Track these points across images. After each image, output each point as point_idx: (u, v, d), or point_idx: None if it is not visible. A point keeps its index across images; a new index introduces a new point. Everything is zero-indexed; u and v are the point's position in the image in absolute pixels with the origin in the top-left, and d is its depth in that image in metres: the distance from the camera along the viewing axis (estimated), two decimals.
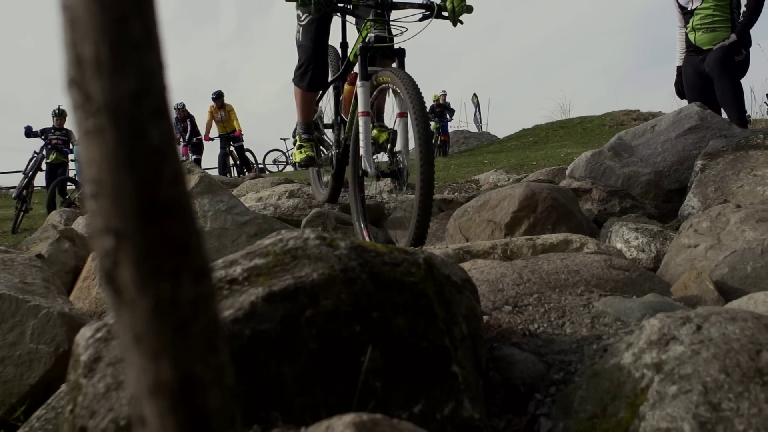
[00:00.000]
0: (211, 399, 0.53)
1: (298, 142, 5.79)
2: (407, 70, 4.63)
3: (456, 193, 7.15)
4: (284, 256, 1.45)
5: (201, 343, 0.53)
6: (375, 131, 4.70)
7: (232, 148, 21.36)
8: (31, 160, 16.01)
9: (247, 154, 22.18)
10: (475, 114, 38.00)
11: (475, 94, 38.00)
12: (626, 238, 3.58)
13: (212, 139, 21.22)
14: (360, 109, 4.50)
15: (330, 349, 1.32)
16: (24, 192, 14.69)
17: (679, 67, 8.21)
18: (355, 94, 4.71)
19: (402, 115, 4.25)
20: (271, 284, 1.36)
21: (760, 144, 4.60)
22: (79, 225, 5.17)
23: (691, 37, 7.95)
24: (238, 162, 21.56)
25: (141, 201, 0.51)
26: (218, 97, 20.70)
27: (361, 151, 4.43)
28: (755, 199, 3.77)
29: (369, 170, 4.38)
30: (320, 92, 5.83)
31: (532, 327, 1.91)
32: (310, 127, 5.79)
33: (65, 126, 16.91)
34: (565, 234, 3.29)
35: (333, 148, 5.79)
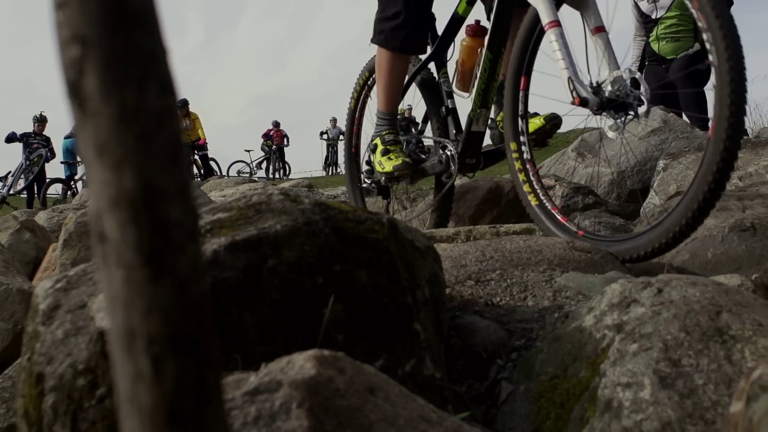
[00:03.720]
0: (172, 210, 0.54)
1: (380, 146, 3.99)
2: None
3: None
4: (248, 210, 1.46)
5: (164, 154, 0.53)
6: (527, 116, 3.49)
7: (196, 157, 21.28)
8: (20, 167, 16.17)
9: (212, 163, 22.13)
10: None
11: None
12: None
13: None
14: (547, 19, 2.97)
15: (292, 299, 1.33)
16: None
17: None
18: (492, 31, 3.48)
19: (599, 30, 2.91)
20: (234, 234, 1.37)
21: None
22: (41, 218, 5.11)
23: (655, 46, 8.08)
24: (202, 171, 21.47)
25: (109, 7, 0.52)
26: (183, 105, 20.57)
27: (566, 72, 2.90)
28: None
29: (586, 95, 2.79)
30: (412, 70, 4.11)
31: (494, 300, 1.94)
32: (395, 119, 4.10)
33: (45, 132, 17.18)
34: (528, 224, 3.33)
35: (447, 148, 3.86)
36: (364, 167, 4.33)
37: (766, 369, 0.95)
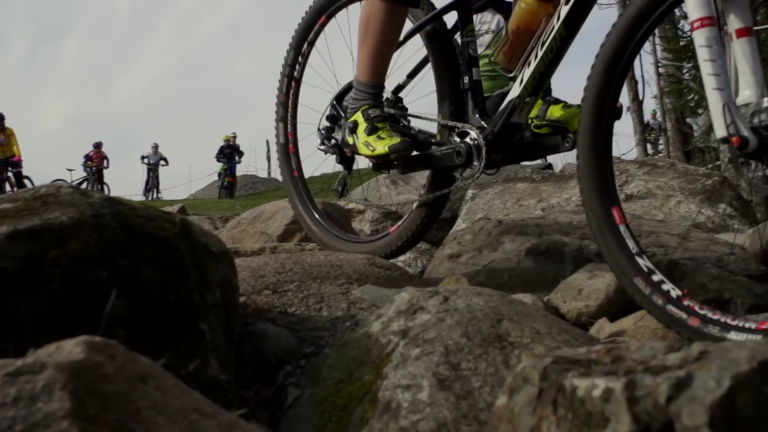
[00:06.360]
0: None
1: (362, 123, 3.07)
2: None
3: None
4: (34, 201, 1.43)
5: None
6: (557, 108, 3.06)
7: (9, 174, 20.31)
8: None
9: (26, 180, 21.17)
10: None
11: (267, 141, 38.91)
12: None
13: None
14: (698, 14, 2.08)
15: (74, 292, 1.31)
16: None
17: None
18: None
19: (745, 32, 2.11)
20: (17, 224, 1.33)
21: (527, 177, 4.95)
22: None
23: None
24: (15, 188, 20.47)
25: None
26: None
27: (719, 95, 2.04)
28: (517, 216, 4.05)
29: (746, 134, 1.98)
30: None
31: (290, 309, 1.96)
32: (381, 93, 3.18)
33: None
34: None
35: (469, 135, 2.94)
36: (323, 124, 3.49)
37: (529, 362, 1.02)
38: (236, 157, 30.12)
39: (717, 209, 5.16)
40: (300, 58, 3.60)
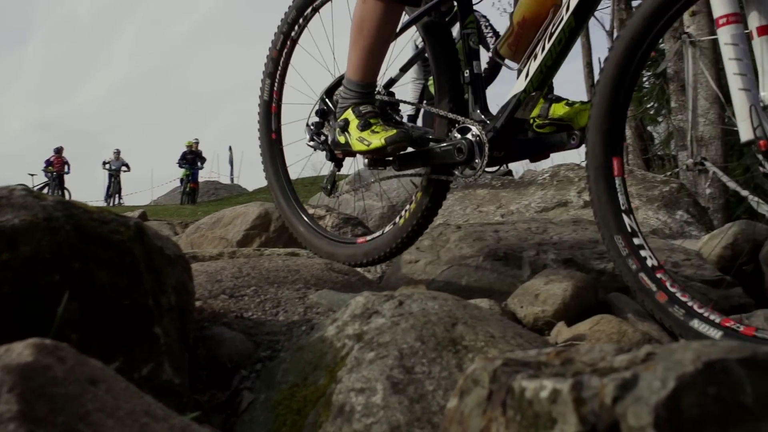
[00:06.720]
0: None
1: (354, 120, 2.95)
2: None
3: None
4: None
5: None
6: (560, 106, 2.94)
7: None
8: None
9: None
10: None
11: (230, 147, 38.95)
12: None
13: None
14: (723, 10, 2.00)
15: (26, 295, 1.30)
16: None
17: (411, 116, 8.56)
18: None
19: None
20: None
21: (487, 184, 4.98)
22: None
23: (432, 89, 8.35)
24: None
25: None
26: None
27: (745, 96, 1.96)
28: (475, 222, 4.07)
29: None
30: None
31: (246, 314, 1.96)
32: (372, 93, 3.07)
33: None
34: (293, 249, 3.38)
35: (470, 131, 2.78)
36: (312, 119, 3.33)
37: (480, 363, 1.03)
38: (198, 163, 30.13)
39: (674, 216, 5.23)
40: (301, 20, 3.43)
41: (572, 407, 0.85)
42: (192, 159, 29.58)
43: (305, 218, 3.30)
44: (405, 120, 3.27)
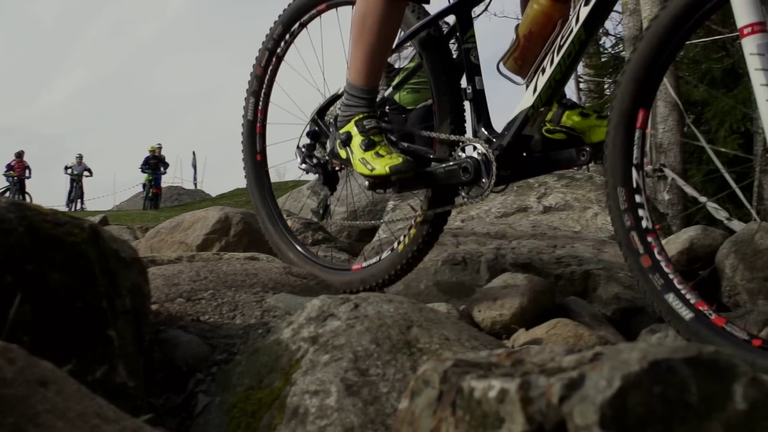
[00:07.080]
0: None
1: (356, 136, 2.80)
2: None
3: None
4: None
5: None
6: (574, 114, 2.79)
7: None
8: None
9: None
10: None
11: (193, 152, 38.94)
12: None
13: None
14: (748, 19, 1.92)
15: None
16: None
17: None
18: None
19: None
20: None
21: None
22: None
23: (396, 96, 8.39)
24: None
25: None
26: None
27: None
28: None
29: None
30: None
31: (203, 317, 1.96)
32: (375, 99, 2.91)
33: None
34: (253, 253, 3.38)
35: (476, 149, 2.68)
36: (303, 142, 3.23)
37: (430, 365, 1.04)
38: (161, 168, 30.16)
39: None
40: (287, 36, 3.32)
41: (519, 406, 0.87)
42: (155, 164, 29.56)
43: (295, 244, 3.19)
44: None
